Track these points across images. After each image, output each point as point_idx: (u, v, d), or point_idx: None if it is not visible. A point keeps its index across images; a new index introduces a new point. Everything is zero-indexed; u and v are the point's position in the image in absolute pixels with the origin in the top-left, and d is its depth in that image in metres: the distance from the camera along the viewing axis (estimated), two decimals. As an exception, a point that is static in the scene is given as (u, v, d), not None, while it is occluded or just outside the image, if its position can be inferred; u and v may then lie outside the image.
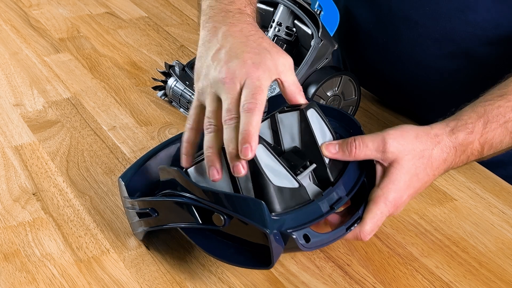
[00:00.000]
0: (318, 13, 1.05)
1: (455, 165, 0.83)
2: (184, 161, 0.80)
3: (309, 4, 1.05)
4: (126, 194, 0.82)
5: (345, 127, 0.86)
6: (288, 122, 0.79)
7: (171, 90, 1.11)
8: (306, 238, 0.73)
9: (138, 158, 1.00)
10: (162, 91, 1.13)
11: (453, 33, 1.02)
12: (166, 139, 1.04)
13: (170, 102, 1.13)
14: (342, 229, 0.76)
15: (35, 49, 1.29)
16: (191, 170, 0.79)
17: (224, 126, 0.75)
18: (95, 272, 0.81)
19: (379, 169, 0.80)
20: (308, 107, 0.79)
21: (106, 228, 0.87)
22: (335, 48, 1.02)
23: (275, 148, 0.79)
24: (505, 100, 0.85)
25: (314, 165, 0.78)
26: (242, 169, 0.72)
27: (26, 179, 0.95)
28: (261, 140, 0.75)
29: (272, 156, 0.75)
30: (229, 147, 0.74)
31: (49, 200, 0.92)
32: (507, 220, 0.91)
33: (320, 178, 0.78)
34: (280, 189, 0.74)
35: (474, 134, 0.82)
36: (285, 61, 0.80)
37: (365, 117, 1.13)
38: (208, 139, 0.76)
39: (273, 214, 0.73)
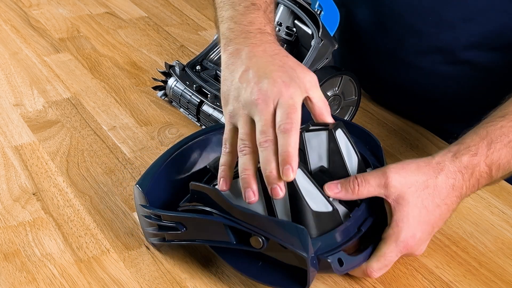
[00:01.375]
0: (318, 13, 1.05)
1: (468, 191, 0.81)
2: (222, 185, 0.77)
3: (309, 4, 1.05)
4: (145, 203, 0.80)
5: (363, 142, 0.87)
6: (316, 142, 0.79)
7: (171, 90, 1.11)
8: (340, 262, 0.75)
9: (137, 157, 1.00)
10: (162, 91, 1.13)
11: (457, 41, 1.01)
12: (166, 139, 1.05)
13: (170, 102, 1.13)
14: (369, 251, 0.78)
15: (35, 49, 1.29)
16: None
17: (260, 149, 0.74)
18: (95, 272, 0.81)
19: (387, 208, 0.79)
20: (336, 127, 0.79)
21: (106, 228, 0.87)
22: (335, 48, 1.02)
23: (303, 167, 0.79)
24: (507, 120, 0.83)
25: None
26: (280, 192, 0.72)
27: (26, 179, 0.95)
28: (299, 164, 0.74)
29: (309, 180, 0.75)
30: (266, 170, 0.73)
31: (49, 200, 0.92)
32: (507, 220, 0.91)
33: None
34: (318, 214, 0.75)
35: (479, 156, 0.80)
36: (311, 78, 0.79)
37: (365, 117, 1.13)
38: (243, 161, 0.75)
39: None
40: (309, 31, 1.02)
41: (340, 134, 0.79)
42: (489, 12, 0.97)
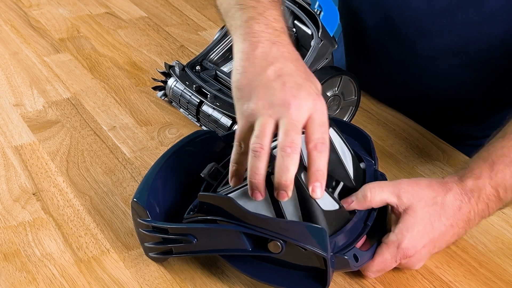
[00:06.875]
0: (318, 13, 1.05)
1: (476, 216, 0.80)
2: (233, 183, 0.77)
3: (309, 4, 1.05)
4: (146, 217, 0.79)
5: (354, 137, 0.88)
6: None
7: (171, 90, 1.11)
8: (356, 258, 0.76)
9: (137, 157, 1.00)
10: (162, 91, 1.13)
11: (470, 44, 1.01)
12: (166, 139, 1.05)
13: (170, 102, 1.13)
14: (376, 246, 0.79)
15: (35, 49, 1.29)
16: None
17: (280, 153, 0.72)
18: (95, 272, 0.81)
19: (394, 215, 0.80)
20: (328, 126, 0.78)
21: (106, 228, 0.87)
22: (335, 48, 1.02)
23: None
24: (507, 140, 0.83)
25: (342, 184, 0.79)
26: (286, 196, 0.72)
27: (26, 179, 0.95)
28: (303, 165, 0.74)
29: None
30: (282, 178, 0.71)
31: (49, 200, 0.92)
32: (507, 220, 0.91)
33: (347, 194, 0.80)
34: (328, 213, 0.75)
35: (483, 179, 0.80)
36: (320, 86, 0.80)
37: (365, 117, 1.13)
38: (255, 164, 0.73)
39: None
40: (309, 32, 1.02)
41: (332, 133, 0.79)
42: (504, 11, 0.97)
